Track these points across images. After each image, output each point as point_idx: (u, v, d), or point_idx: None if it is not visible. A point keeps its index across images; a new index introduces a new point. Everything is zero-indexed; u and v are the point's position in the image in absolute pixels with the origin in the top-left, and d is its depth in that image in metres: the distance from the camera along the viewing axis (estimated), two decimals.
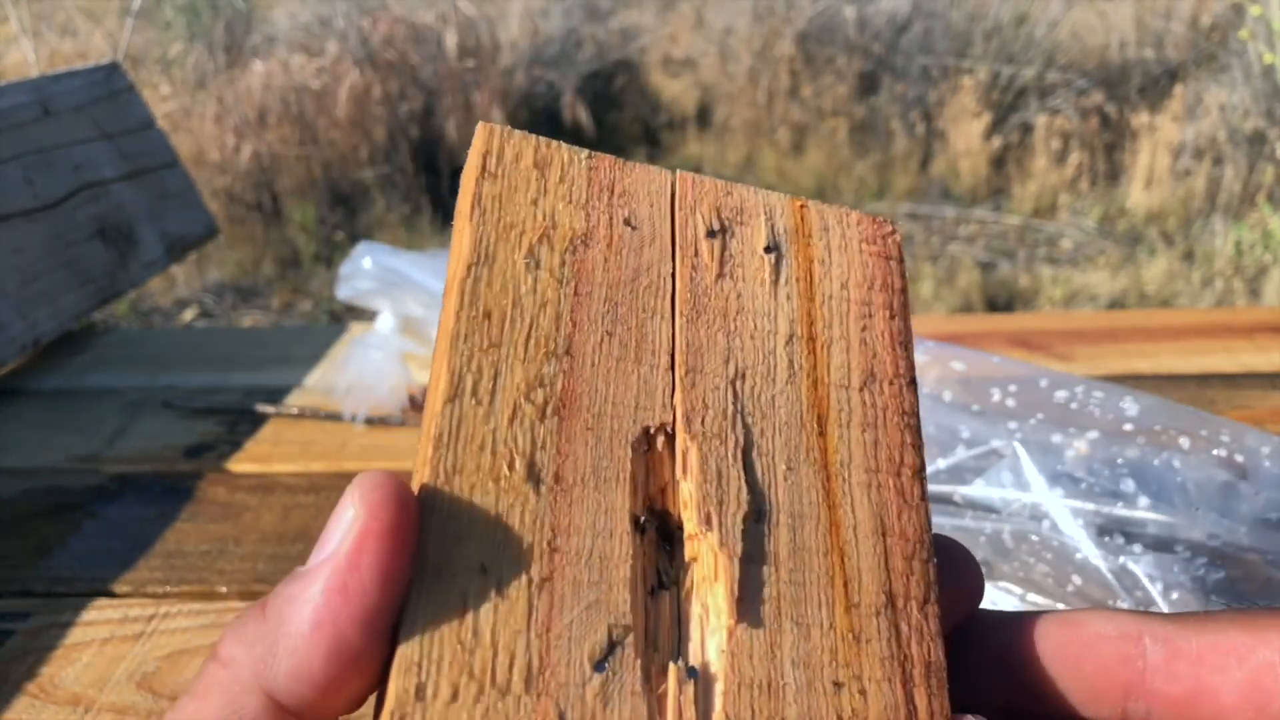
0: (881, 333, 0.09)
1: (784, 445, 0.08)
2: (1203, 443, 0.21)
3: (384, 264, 0.31)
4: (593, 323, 0.08)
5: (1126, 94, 1.48)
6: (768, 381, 0.08)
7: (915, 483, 0.08)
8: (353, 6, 1.64)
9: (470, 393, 0.08)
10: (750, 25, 1.64)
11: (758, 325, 0.09)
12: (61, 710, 0.19)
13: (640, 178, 0.09)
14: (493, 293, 0.08)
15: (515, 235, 0.08)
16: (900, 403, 0.09)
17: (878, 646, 0.07)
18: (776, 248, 0.09)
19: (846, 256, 0.09)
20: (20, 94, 0.36)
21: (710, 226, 0.09)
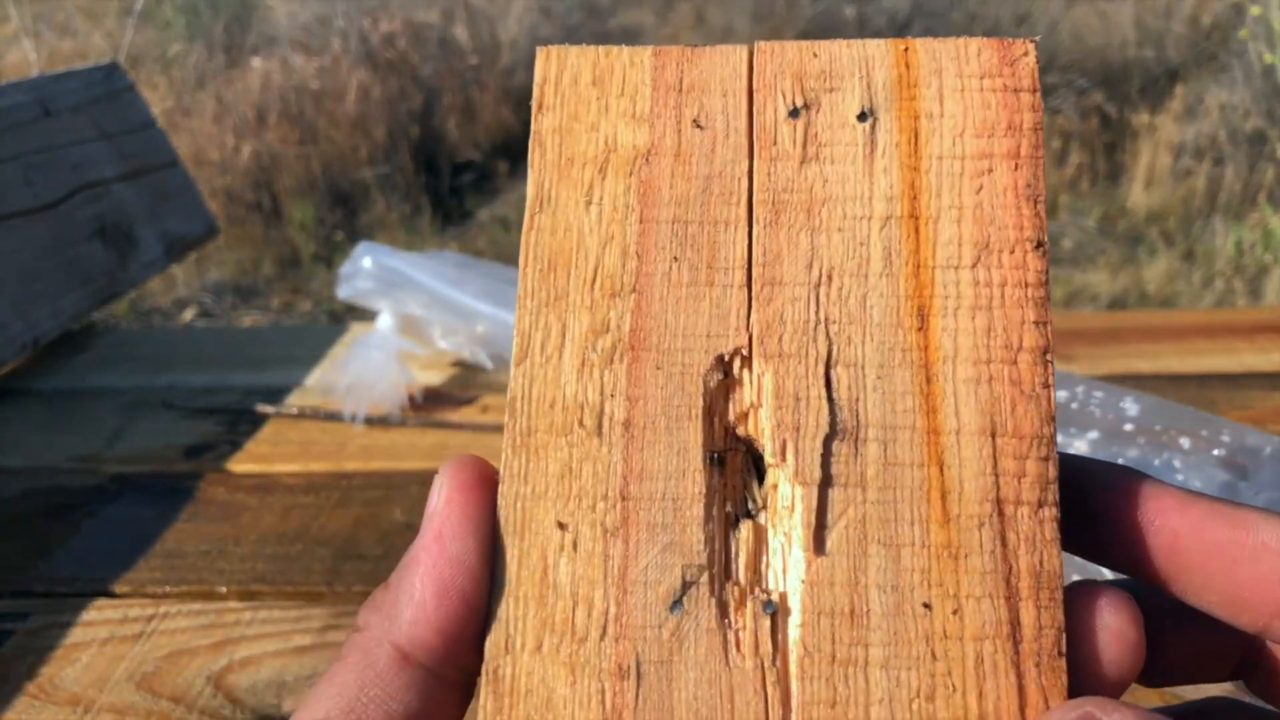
0: (1004, 189, 0.07)
1: (875, 350, 0.07)
2: (1203, 443, 0.21)
3: (384, 264, 0.31)
4: (660, 251, 0.08)
5: (1127, 94, 1.48)
6: (857, 279, 0.07)
7: (1036, 367, 0.07)
8: (353, 6, 1.64)
9: (539, 350, 0.08)
10: (750, 25, 1.64)
11: (847, 213, 0.08)
12: (61, 710, 0.19)
13: (711, 63, 0.08)
14: (556, 240, 0.08)
15: (576, 170, 0.08)
16: (1022, 273, 0.07)
17: (979, 561, 0.07)
18: (873, 112, 0.08)
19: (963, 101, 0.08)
20: (20, 94, 0.36)
21: (793, 104, 0.08)
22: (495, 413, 0.29)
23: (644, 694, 0.07)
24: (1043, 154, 0.08)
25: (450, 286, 0.29)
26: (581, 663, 0.07)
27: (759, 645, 0.07)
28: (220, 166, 1.38)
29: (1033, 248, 0.08)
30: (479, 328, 0.29)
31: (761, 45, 0.08)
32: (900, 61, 0.08)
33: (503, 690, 0.07)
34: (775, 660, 0.07)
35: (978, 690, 0.07)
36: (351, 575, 0.22)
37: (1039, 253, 0.08)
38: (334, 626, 0.21)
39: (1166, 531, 0.07)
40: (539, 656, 0.07)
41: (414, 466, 0.26)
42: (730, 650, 0.07)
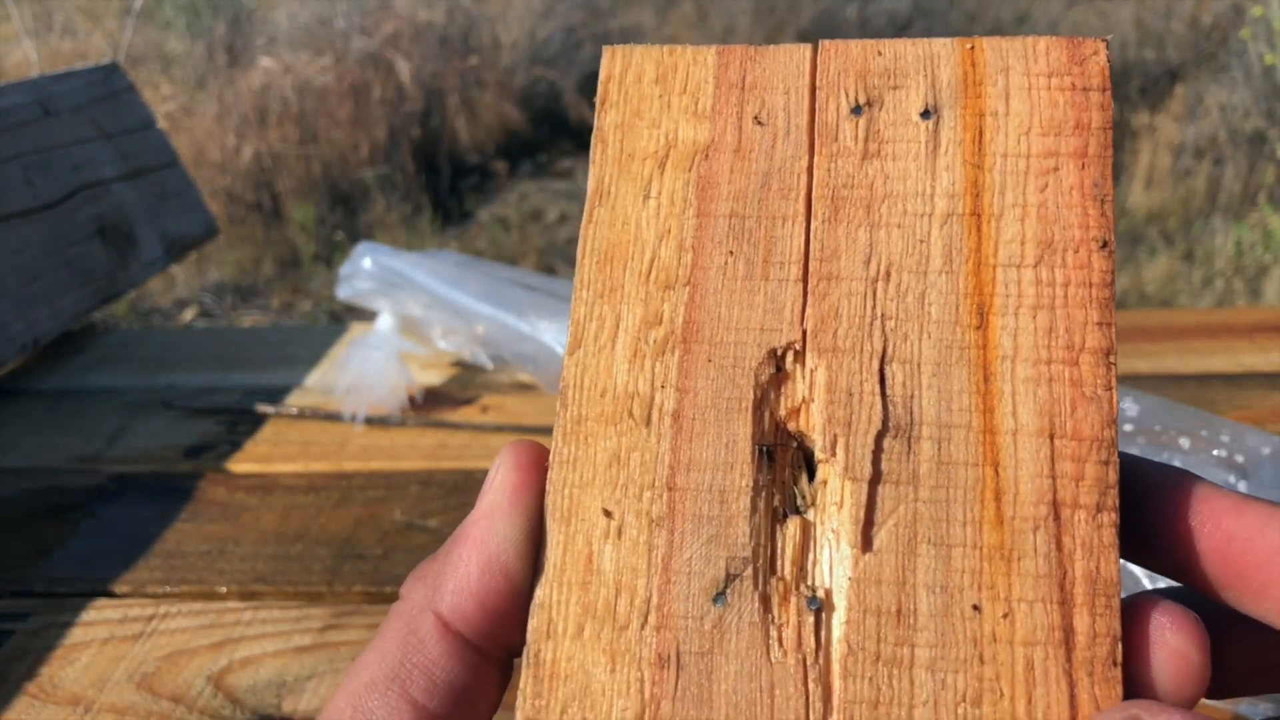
0: (1070, 188, 0.07)
1: (932, 347, 0.07)
2: (1203, 443, 0.21)
3: (384, 264, 0.31)
4: (715, 245, 0.08)
5: (1127, 94, 1.48)
6: (916, 276, 0.07)
7: (1099, 369, 0.07)
8: (353, 6, 1.64)
9: (592, 340, 0.08)
10: (751, 24, 1.64)
11: (908, 209, 0.08)
12: (61, 710, 0.19)
13: (775, 62, 0.08)
14: (613, 233, 0.08)
15: (636, 165, 0.08)
16: (1087, 273, 0.07)
17: (1032, 564, 0.06)
18: (936, 110, 0.08)
19: (1029, 100, 0.08)
20: (20, 94, 0.36)
21: (855, 102, 0.08)
22: (495, 413, 0.29)
23: (683, 684, 0.07)
24: (1111, 153, 0.08)
25: (450, 287, 0.29)
26: (622, 650, 0.07)
27: (802, 641, 0.07)
28: (220, 167, 1.38)
29: (1098, 247, 0.07)
30: (479, 328, 0.29)
31: (826, 44, 0.08)
32: (966, 60, 0.08)
33: (543, 674, 0.07)
34: (818, 657, 0.07)
35: (1026, 697, 0.06)
36: (351, 575, 0.22)
37: (1104, 253, 0.07)
38: (334, 626, 0.21)
39: (1220, 535, 0.07)
40: (580, 642, 0.07)
41: (413, 466, 0.26)
42: (772, 645, 0.07)
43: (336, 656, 0.20)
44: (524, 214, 1.46)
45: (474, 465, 0.26)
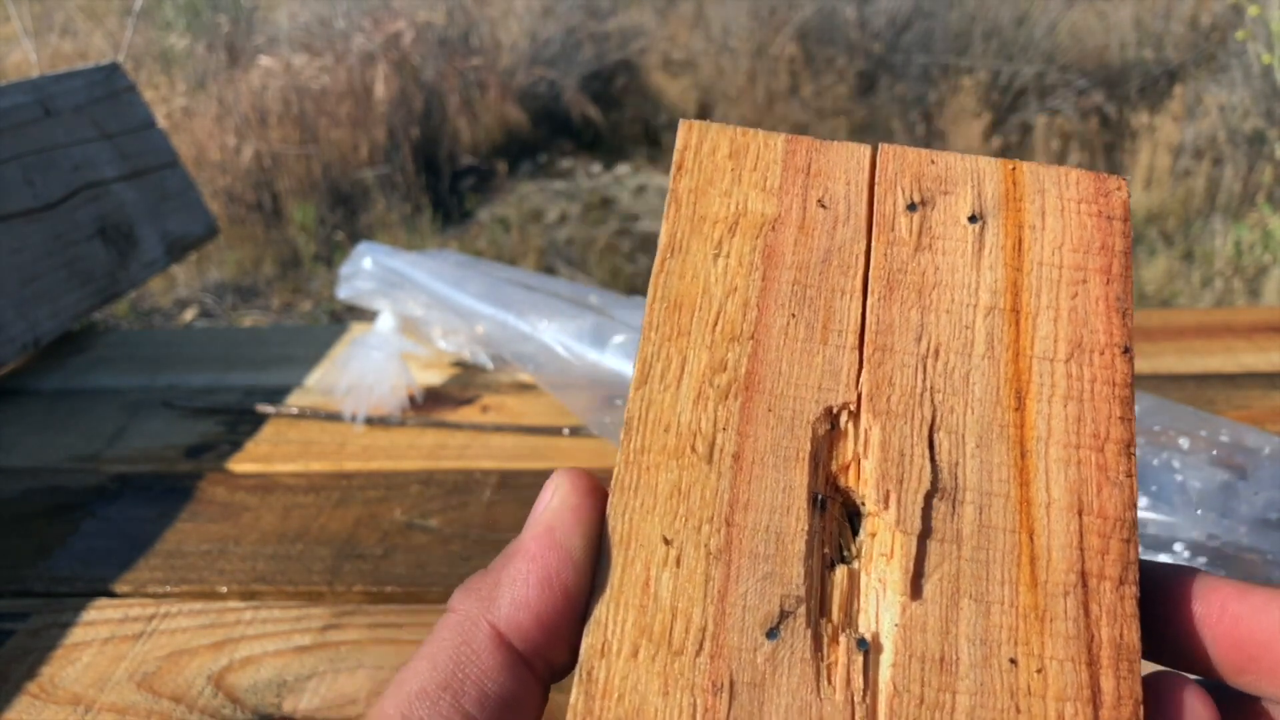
0: (1096, 299, 0.09)
1: (975, 422, 0.08)
2: (1202, 443, 0.21)
3: (384, 264, 0.30)
4: (779, 307, 0.09)
5: (1126, 94, 1.48)
6: (962, 357, 0.08)
7: (1121, 458, 0.08)
8: (354, 6, 1.64)
9: (659, 378, 0.08)
10: (750, 25, 1.64)
11: (955, 299, 0.09)
12: (62, 710, 0.19)
13: (837, 155, 0.10)
14: (684, 283, 0.09)
15: (707, 227, 0.09)
16: (1111, 373, 0.08)
17: (1063, 626, 0.07)
18: (982, 216, 0.09)
19: (1062, 219, 0.09)
20: (21, 94, 0.36)
21: (910, 200, 0.09)
22: (494, 413, 0.29)
23: (735, 713, 0.07)
24: (1132, 272, 0.09)
25: (450, 287, 0.29)
26: (676, 674, 0.07)
27: (850, 680, 0.07)
28: (221, 167, 1.38)
29: (1120, 352, 0.08)
30: (479, 328, 0.29)
31: (885, 147, 0.10)
32: (1008, 178, 0.09)
33: (595, 691, 0.07)
34: (865, 696, 0.07)
35: None
36: (352, 575, 0.22)
37: (1126, 357, 0.08)
38: (334, 626, 0.21)
39: (1227, 620, 0.07)
40: (634, 663, 0.07)
41: (414, 466, 0.26)
42: (822, 681, 0.07)
43: (337, 656, 0.20)
44: (524, 214, 1.46)
45: (474, 465, 0.26)
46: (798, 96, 1.59)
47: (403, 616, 0.21)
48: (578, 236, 1.37)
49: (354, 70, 1.48)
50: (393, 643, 0.20)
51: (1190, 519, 0.19)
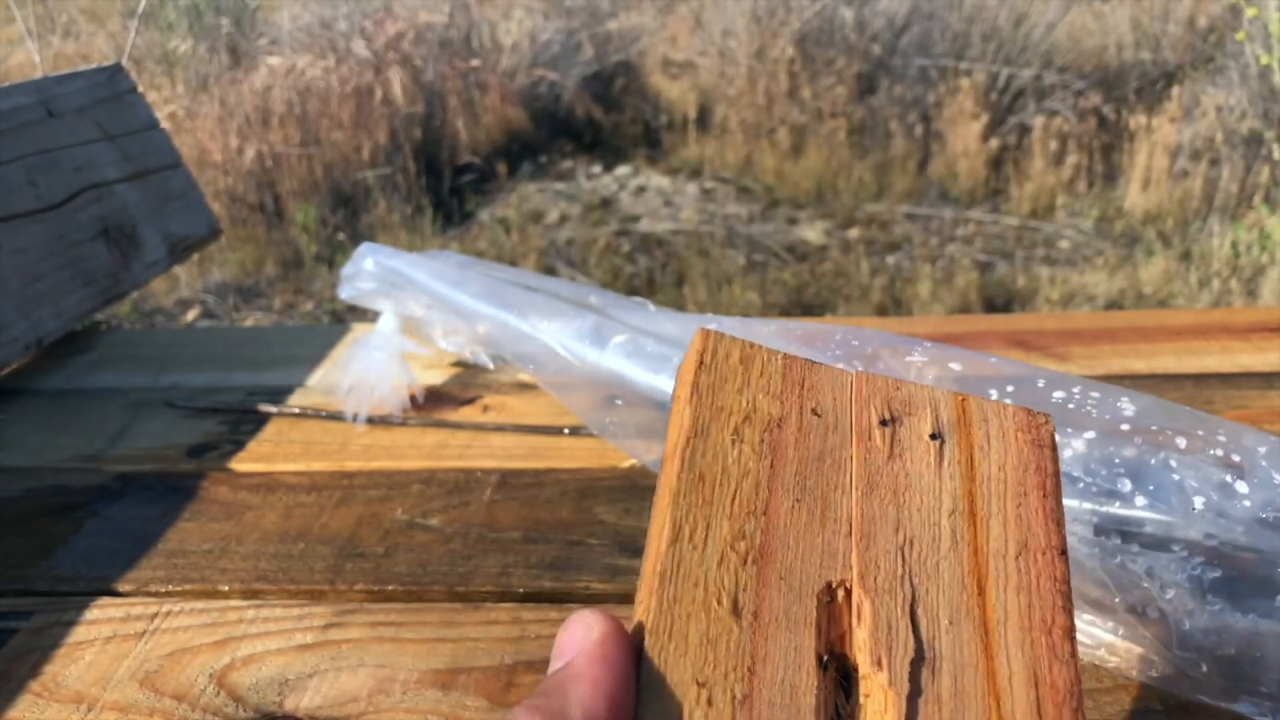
0: (1035, 509, 0.10)
1: (947, 603, 0.10)
2: (1200, 442, 0.21)
3: (385, 265, 0.31)
4: (785, 491, 0.10)
5: (1124, 95, 1.49)
6: (932, 548, 0.10)
7: (1066, 641, 0.09)
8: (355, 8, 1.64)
9: (688, 539, 0.10)
10: (749, 27, 1.65)
11: (924, 500, 0.11)
12: (65, 708, 0.19)
13: (825, 375, 0.12)
14: (706, 460, 0.10)
15: (724, 416, 0.11)
16: (1052, 570, 0.10)
17: None
18: (940, 435, 0.11)
19: (1004, 444, 0.11)
20: (23, 95, 0.37)
21: (883, 416, 0.11)
22: (495, 413, 0.29)
23: None
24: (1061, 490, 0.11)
25: (451, 287, 0.30)
26: None
27: None
28: (223, 168, 1.39)
29: (1058, 554, 0.10)
30: (480, 328, 0.30)
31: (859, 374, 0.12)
32: (959, 408, 0.12)
33: None
34: None
35: None
36: (353, 573, 0.22)
37: (1062, 558, 0.10)
38: (336, 624, 0.21)
39: None
40: None
41: (415, 466, 0.26)
42: None
43: (338, 654, 0.20)
44: (524, 215, 1.46)
45: (475, 465, 0.26)
46: (797, 98, 1.60)
47: (404, 615, 0.21)
48: (578, 237, 1.37)
49: (355, 71, 1.48)
50: (394, 641, 0.20)
51: (1187, 518, 0.19)
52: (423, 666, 0.19)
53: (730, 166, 1.59)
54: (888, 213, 1.41)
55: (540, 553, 0.22)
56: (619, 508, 0.24)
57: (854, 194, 1.45)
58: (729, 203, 1.49)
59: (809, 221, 1.41)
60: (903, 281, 1.23)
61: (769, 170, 1.54)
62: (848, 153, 1.53)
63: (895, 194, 1.45)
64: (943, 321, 0.34)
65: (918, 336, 0.25)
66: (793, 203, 1.47)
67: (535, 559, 0.22)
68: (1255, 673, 0.16)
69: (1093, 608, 0.18)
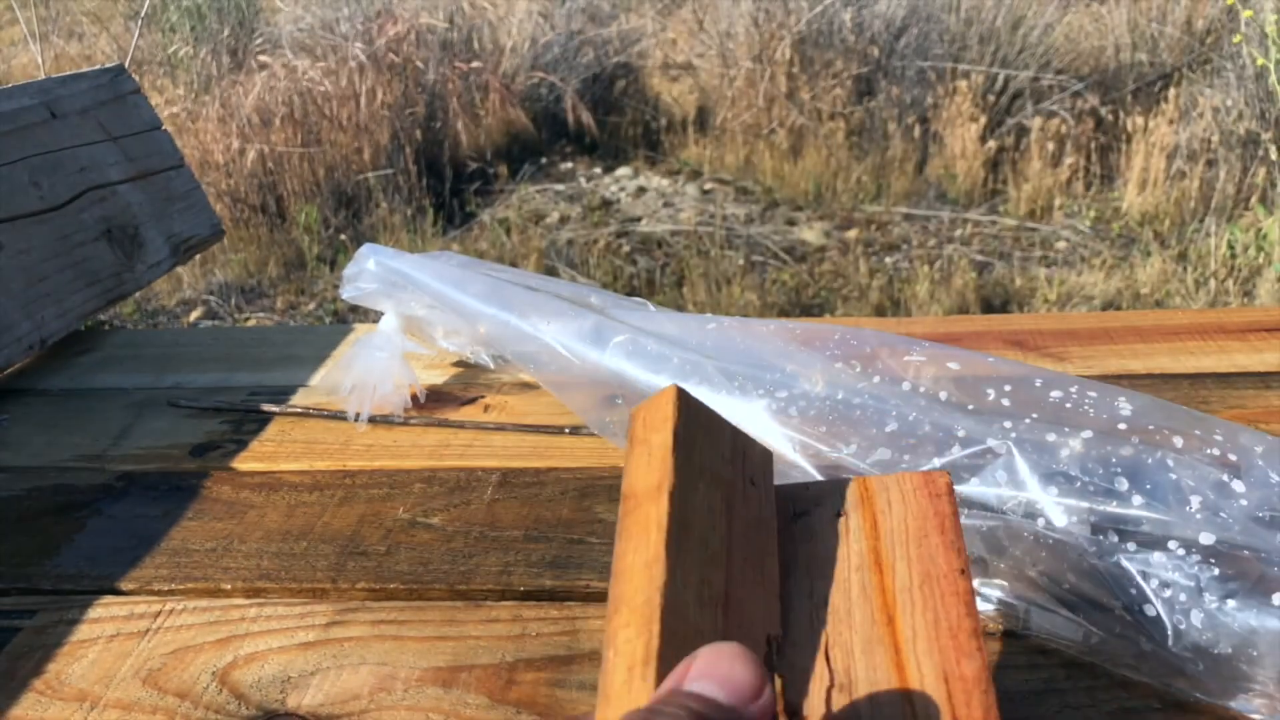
0: (936, 545, 0.12)
1: (860, 639, 0.12)
2: (1196, 442, 0.21)
3: (387, 265, 0.31)
4: (738, 549, 0.12)
5: (1121, 97, 1.49)
6: (844, 600, 0.12)
7: (972, 640, 0.11)
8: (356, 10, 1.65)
9: (680, 580, 0.11)
10: (748, 29, 1.65)
11: (834, 566, 0.13)
12: (68, 706, 0.19)
13: (757, 451, 0.13)
14: (687, 509, 0.12)
15: (697, 472, 0.12)
16: (955, 587, 0.12)
17: None
18: (845, 512, 0.13)
19: (904, 503, 0.13)
20: (26, 96, 0.37)
21: (794, 512, 0.14)
22: (496, 412, 0.29)
23: None
24: (960, 525, 0.13)
25: (453, 287, 0.30)
26: None
27: None
28: (225, 169, 1.39)
29: (960, 574, 0.12)
30: (481, 328, 0.30)
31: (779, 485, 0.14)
32: (862, 486, 0.14)
33: None
34: None
35: None
36: (355, 572, 0.22)
37: (964, 577, 0.12)
38: (338, 622, 0.21)
39: None
40: None
41: (417, 465, 0.27)
42: None
43: (340, 652, 0.20)
44: (525, 216, 1.46)
45: (476, 464, 0.27)
46: (795, 100, 1.60)
47: (405, 613, 0.21)
48: (578, 238, 1.37)
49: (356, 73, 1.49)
50: (395, 639, 0.20)
51: (1184, 517, 0.19)
52: (424, 664, 0.19)
53: (729, 168, 1.60)
54: (886, 214, 1.41)
55: (541, 551, 0.23)
56: (619, 507, 0.24)
57: (852, 195, 1.46)
58: (728, 204, 1.49)
59: (808, 222, 1.41)
60: (901, 282, 1.24)
61: (768, 171, 1.55)
62: (846, 154, 1.53)
63: (893, 195, 1.46)
64: (941, 322, 0.34)
65: (916, 337, 0.25)
66: (792, 204, 1.48)
67: (536, 557, 0.22)
68: (1252, 671, 0.17)
69: (1089, 606, 0.18)
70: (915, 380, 0.23)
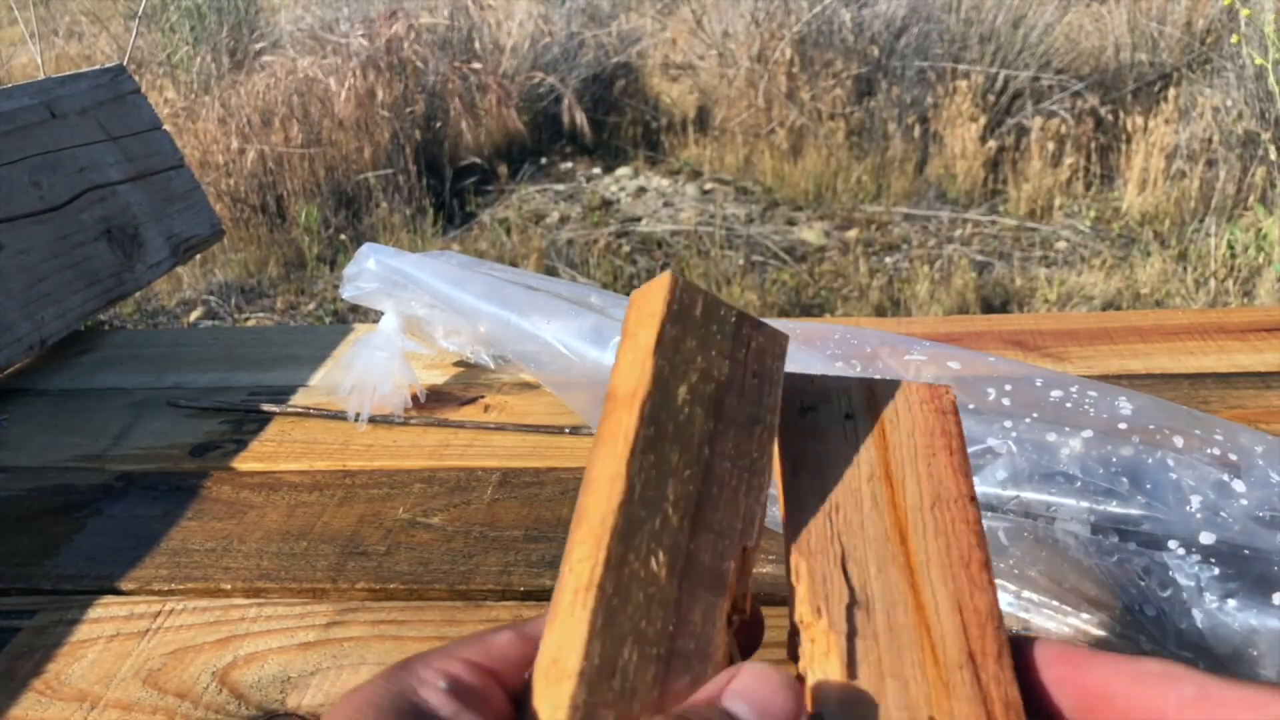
0: (944, 466, 0.12)
1: (874, 555, 0.11)
2: (1196, 441, 0.21)
3: (388, 265, 0.31)
4: (723, 454, 0.11)
5: (1121, 97, 1.49)
6: (856, 511, 0.11)
7: (983, 572, 0.11)
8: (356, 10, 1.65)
9: (638, 497, 0.10)
10: (748, 29, 1.65)
11: (844, 472, 0.12)
12: (68, 706, 0.19)
13: (769, 338, 0.12)
14: (663, 416, 0.11)
15: (684, 371, 0.11)
16: (965, 515, 0.11)
17: (963, 691, 0.10)
18: (853, 416, 0.13)
19: (910, 415, 0.12)
20: (26, 96, 0.37)
21: (801, 406, 0.13)
22: (496, 412, 0.29)
23: None
24: (965, 447, 0.12)
25: (453, 287, 0.30)
26: None
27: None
28: (225, 169, 1.39)
29: (969, 501, 0.12)
30: (481, 327, 0.30)
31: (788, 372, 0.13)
32: (868, 390, 0.13)
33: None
34: None
35: None
36: (355, 572, 0.22)
37: (973, 504, 0.11)
38: (338, 623, 0.21)
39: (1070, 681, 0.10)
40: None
41: (417, 465, 0.27)
42: None
43: (340, 653, 0.20)
44: (525, 216, 1.46)
45: (476, 464, 0.27)
46: (795, 100, 1.60)
47: (405, 613, 0.21)
48: (578, 238, 1.37)
49: (356, 73, 1.49)
50: (395, 639, 0.20)
51: (1184, 517, 0.19)
52: None
53: (729, 168, 1.59)
54: (886, 214, 1.41)
55: (541, 551, 0.23)
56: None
57: (852, 195, 1.46)
58: (728, 204, 1.49)
59: (808, 222, 1.41)
60: (901, 282, 1.24)
61: (768, 171, 1.54)
62: (846, 154, 1.53)
63: (893, 195, 1.46)
64: (941, 322, 0.34)
65: (916, 337, 0.25)
66: (791, 204, 1.48)
67: (536, 557, 0.22)
68: (1253, 671, 0.17)
69: (1090, 605, 0.18)
70: (916, 379, 0.23)
